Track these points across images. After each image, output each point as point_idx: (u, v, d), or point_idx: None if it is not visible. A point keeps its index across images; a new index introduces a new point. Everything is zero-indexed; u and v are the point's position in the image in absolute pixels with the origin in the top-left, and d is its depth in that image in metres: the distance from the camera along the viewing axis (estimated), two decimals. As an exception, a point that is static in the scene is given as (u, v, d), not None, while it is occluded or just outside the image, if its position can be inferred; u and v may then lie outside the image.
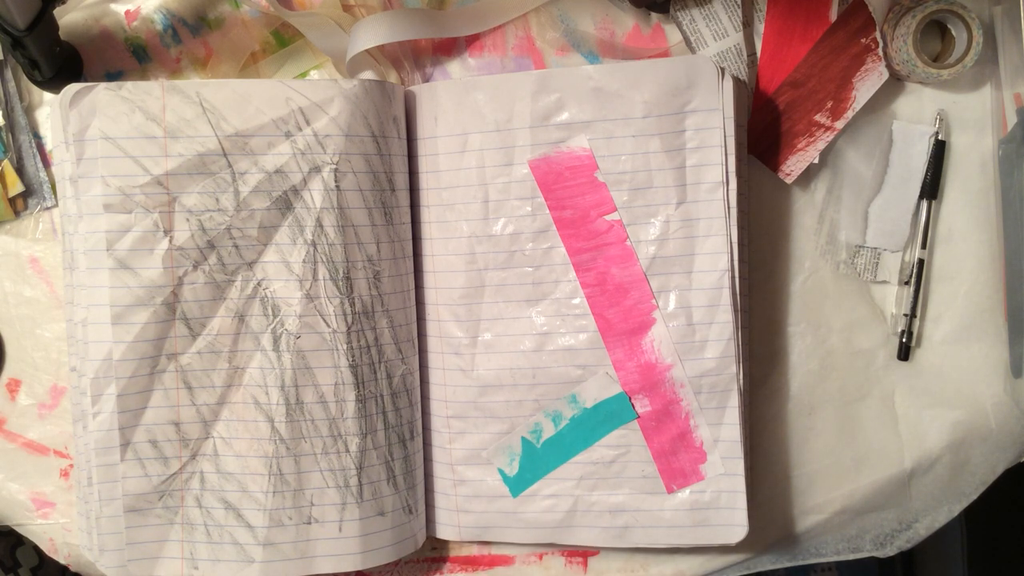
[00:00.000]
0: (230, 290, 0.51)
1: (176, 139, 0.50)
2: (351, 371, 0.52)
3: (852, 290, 0.58)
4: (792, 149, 0.57)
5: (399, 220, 0.54)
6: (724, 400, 0.52)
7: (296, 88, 0.51)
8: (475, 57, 0.59)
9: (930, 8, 0.54)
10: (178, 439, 0.51)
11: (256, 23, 0.58)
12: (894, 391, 0.58)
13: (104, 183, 0.50)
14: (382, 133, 0.53)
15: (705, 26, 0.56)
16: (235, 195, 0.51)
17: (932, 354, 0.58)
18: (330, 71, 0.59)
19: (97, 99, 0.50)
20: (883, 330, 0.58)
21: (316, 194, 0.51)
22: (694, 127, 0.51)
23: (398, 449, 0.53)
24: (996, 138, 0.57)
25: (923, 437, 0.58)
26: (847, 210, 0.58)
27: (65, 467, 0.58)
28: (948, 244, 0.58)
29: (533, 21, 0.58)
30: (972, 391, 0.58)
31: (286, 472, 0.51)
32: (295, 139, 0.51)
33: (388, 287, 0.53)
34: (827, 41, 0.56)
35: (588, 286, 0.53)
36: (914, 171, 0.57)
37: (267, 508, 0.51)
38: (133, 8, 0.58)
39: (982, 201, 0.58)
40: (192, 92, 0.50)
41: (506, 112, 0.53)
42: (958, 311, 0.58)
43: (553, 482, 0.54)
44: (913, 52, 0.54)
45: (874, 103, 0.56)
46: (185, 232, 0.51)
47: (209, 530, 0.51)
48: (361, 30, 0.56)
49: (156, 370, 0.51)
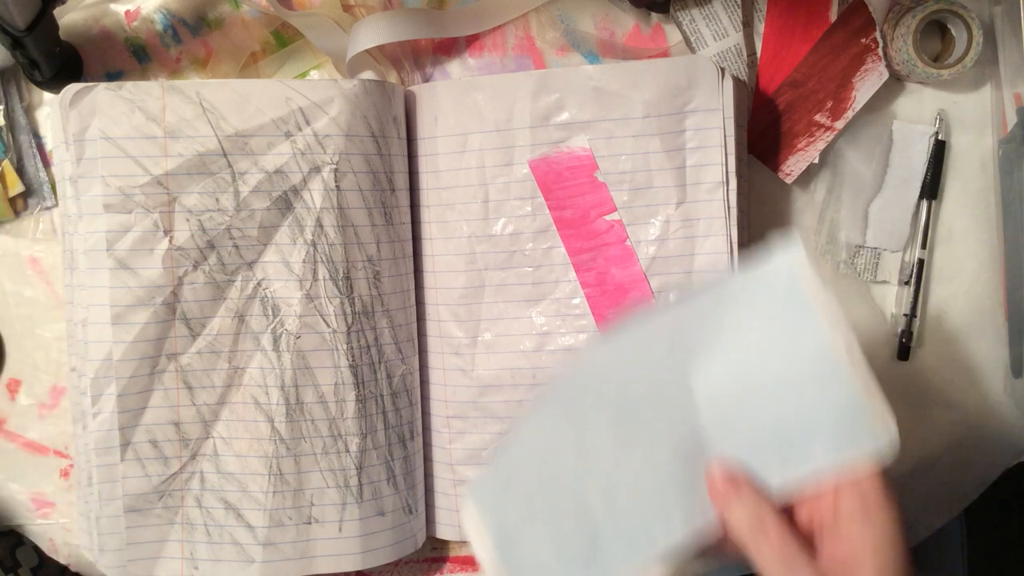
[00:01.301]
0: (230, 290, 0.51)
1: (176, 139, 0.50)
2: (351, 371, 0.52)
3: (852, 290, 0.58)
4: (792, 149, 0.57)
5: (399, 220, 0.54)
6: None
7: (296, 88, 0.51)
8: (475, 57, 0.59)
9: (930, 8, 0.54)
10: (178, 439, 0.51)
11: (256, 23, 0.58)
12: (894, 391, 0.58)
13: (104, 183, 0.50)
14: (382, 133, 0.53)
15: (705, 26, 0.56)
16: (235, 195, 0.51)
17: (932, 354, 0.58)
18: (330, 71, 0.59)
19: (97, 99, 0.50)
20: (883, 330, 0.58)
21: (316, 194, 0.51)
22: (694, 127, 0.51)
23: (398, 449, 0.53)
24: (996, 138, 0.57)
25: (923, 437, 0.58)
26: (847, 210, 0.58)
27: (65, 467, 0.58)
28: (948, 244, 0.58)
29: (533, 21, 0.58)
30: (972, 391, 0.58)
31: (286, 472, 0.51)
32: (295, 139, 0.51)
33: (388, 287, 0.53)
34: (827, 41, 0.56)
35: (588, 286, 0.53)
36: (914, 171, 0.57)
37: (267, 508, 0.51)
38: (133, 8, 0.58)
39: (982, 201, 0.58)
40: (192, 92, 0.50)
41: (506, 112, 0.53)
42: (958, 311, 0.58)
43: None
44: (913, 52, 0.54)
45: (874, 103, 0.56)
46: (185, 232, 0.50)
47: (209, 530, 0.51)
48: (361, 30, 0.56)
49: (156, 370, 0.51)
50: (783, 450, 0.39)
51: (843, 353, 0.39)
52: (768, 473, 0.39)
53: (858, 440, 0.39)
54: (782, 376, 0.40)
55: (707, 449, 0.40)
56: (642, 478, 0.40)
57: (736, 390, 0.40)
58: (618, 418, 0.41)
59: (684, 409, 0.41)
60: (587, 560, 0.41)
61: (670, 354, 0.41)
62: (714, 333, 0.41)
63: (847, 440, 0.39)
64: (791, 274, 0.39)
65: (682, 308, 0.41)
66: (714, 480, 0.40)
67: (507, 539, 0.42)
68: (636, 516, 0.40)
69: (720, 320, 0.41)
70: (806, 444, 0.39)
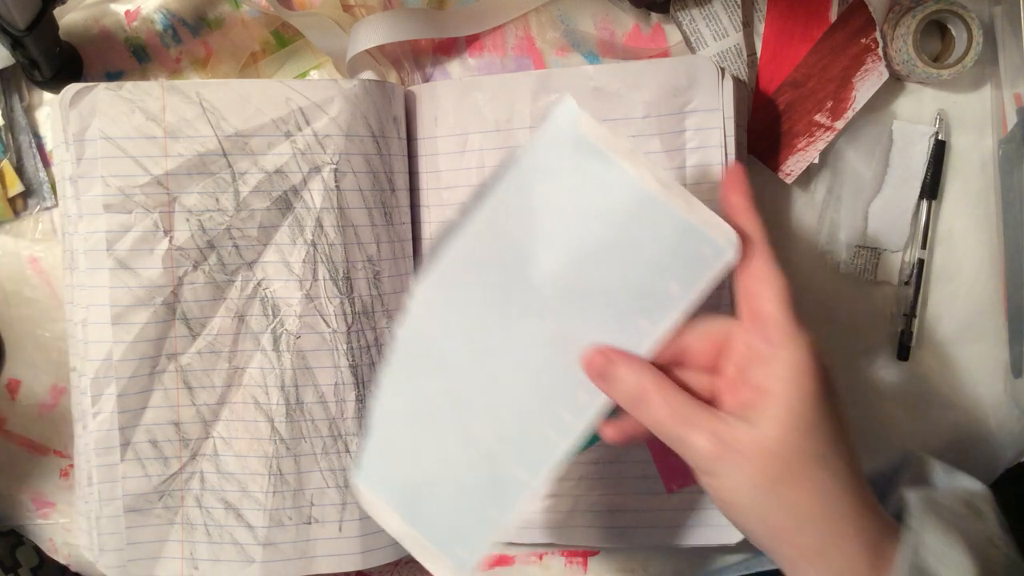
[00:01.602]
0: (230, 290, 0.51)
1: (176, 139, 0.50)
2: (351, 371, 0.52)
3: (852, 290, 0.58)
4: (792, 149, 0.57)
5: (399, 220, 0.54)
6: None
7: (296, 88, 0.51)
8: (475, 57, 0.59)
9: (930, 8, 0.54)
10: (178, 439, 0.51)
11: (256, 23, 0.58)
12: (894, 391, 0.58)
13: (104, 183, 0.50)
14: (382, 133, 0.53)
15: (705, 26, 0.56)
16: (235, 195, 0.51)
17: (932, 354, 0.58)
18: (330, 71, 0.59)
19: (97, 99, 0.50)
20: (883, 330, 0.58)
21: (316, 194, 0.51)
22: (694, 127, 0.51)
23: (398, 449, 0.53)
24: (996, 138, 0.57)
25: (923, 437, 0.58)
26: (847, 210, 0.58)
27: (65, 467, 0.58)
28: (948, 244, 0.58)
29: (533, 21, 0.58)
30: (972, 391, 0.58)
31: (286, 472, 0.51)
32: (295, 139, 0.51)
33: (388, 287, 0.53)
34: (827, 41, 0.56)
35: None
36: (914, 171, 0.57)
37: (267, 508, 0.51)
38: (133, 8, 0.58)
39: (982, 201, 0.58)
40: (192, 92, 0.50)
41: (506, 112, 0.53)
42: (958, 311, 0.58)
43: (553, 482, 0.54)
44: (913, 52, 0.54)
45: (874, 103, 0.56)
46: (185, 232, 0.51)
47: (209, 530, 0.51)
48: (361, 30, 0.56)
49: (156, 370, 0.51)
50: (643, 303, 0.38)
51: (651, 182, 0.38)
52: (638, 332, 0.39)
53: (704, 259, 0.38)
54: (609, 231, 0.38)
55: (572, 335, 0.39)
56: (518, 393, 0.40)
57: (574, 263, 0.39)
58: (471, 343, 0.40)
59: (533, 306, 0.39)
60: (494, 494, 0.40)
61: (495, 257, 0.40)
62: (528, 216, 0.39)
63: (695, 264, 0.38)
64: (573, 129, 0.38)
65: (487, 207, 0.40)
66: (587, 367, 0.38)
67: (411, 505, 0.41)
68: (526, 432, 0.40)
69: (528, 200, 0.39)
70: (661, 287, 0.38)
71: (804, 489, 0.35)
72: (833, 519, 0.35)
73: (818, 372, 0.35)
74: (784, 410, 0.35)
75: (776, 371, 0.35)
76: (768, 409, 0.35)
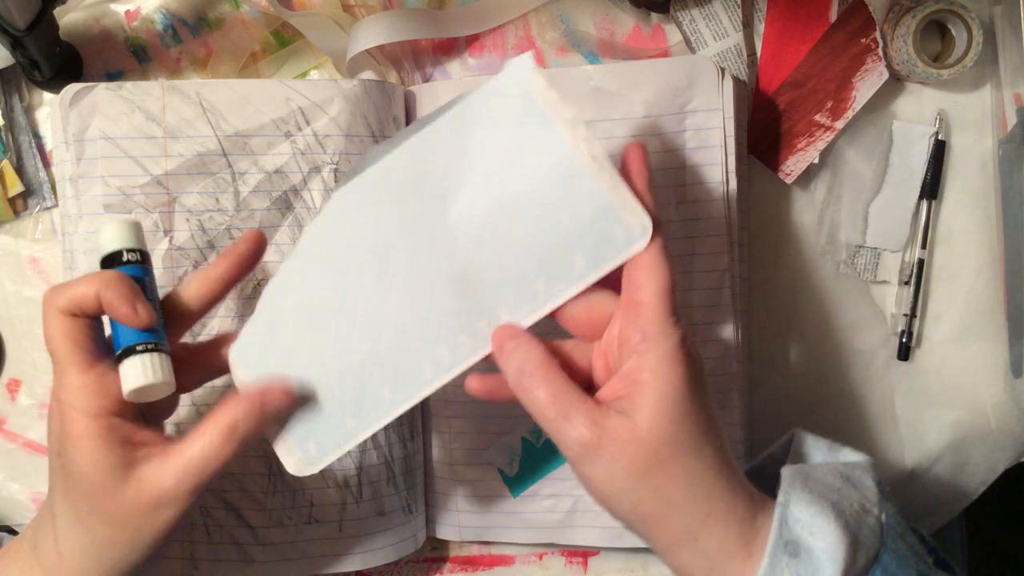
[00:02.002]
0: (230, 290, 0.51)
1: (176, 139, 0.50)
2: (351, 371, 0.52)
3: (852, 290, 0.58)
4: (792, 149, 0.57)
5: (399, 220, 0.54)
6: (724, 400, 0.52)
7: (296, 88, 0.51)
8: (475, 57, 0.59)
9: (930, 8, 0.54)
10: (178, 439, 0.51)
11: (256, 23, 0.58)
12: (894, 391, 0.58)
13: (104, 183, 0.50)
14: (382, 133, 0.53)
15: (705, 26, 0.56)
16: (235, 195, 0.51)
17: (932, 354, 0.58)
18: (330, 71, 0.59)
19: (97, 99, 0.50)
20: (883, 330, 0.58)
21: (316, 194, 0.51)
22: (694, 127, 0.51)
23: (398, 449, 0.53)
24: (996, 138, 0.57)
25: (923, 437, 0.58)
26: (847, 210, 0.58)
27: (65, 467, 0.58)
28: (948, 244, 0.58)
29: (533, 21, 0.58)
30: (972, 391, 0.58)
31: (286, 472, 0.51)
32: (295, 139, 0.51)
33: (388, 287, 0.53)
34: (827, 41, 0.56)
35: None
36: (914, 171, 0.57)
37: (267, 508, 0.51)
38: (133, 8, 0.58)
39: (982, 201, 0.58)
40: (192, 92, 0.50)
41: (506, 112, 0.53)
42: (958, 311, 0.58)
43: (553, 482, 0.54)
44: (913, 52, 0.54)
45: (874, 103, 0.56)
46: (185, 232, 0.51)
47: (209, 530, 0.51)
48: (361, 30, 0.56)
49: (156, 370, 0.51)
50: (546, 268, 0.39)
51: (584, 156, 0.38)
52: (532, 294, 0.39)
53: (615, 241, 0.38)
54: (532, 191, 0.39)
55: (471, 279, 0.40)
56: (405, 319, 0.40)
57: (491, 213, 0.39)
58: (373, 260, 0.40)
59: (441, 240, 0.40)
60: (357, 406, 0.41)
61: (418, 185, 0.40)
62: (459, 156, 0.40)
63: (604, 244, 0.38)
64: (524, 87, 0.38)
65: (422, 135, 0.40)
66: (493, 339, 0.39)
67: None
68: (403, 358, 0.40)
69: (463, 141, 0.39)
70: (568, 258, 0.39)
71: (673, 476, 0.36)
72: (701, 502, 0.36)
73: (688, 364, 0.36)
74: (656, 400, 0.36)
75: (648, 363, 0.36)
76: (640, 399, 0.36)
